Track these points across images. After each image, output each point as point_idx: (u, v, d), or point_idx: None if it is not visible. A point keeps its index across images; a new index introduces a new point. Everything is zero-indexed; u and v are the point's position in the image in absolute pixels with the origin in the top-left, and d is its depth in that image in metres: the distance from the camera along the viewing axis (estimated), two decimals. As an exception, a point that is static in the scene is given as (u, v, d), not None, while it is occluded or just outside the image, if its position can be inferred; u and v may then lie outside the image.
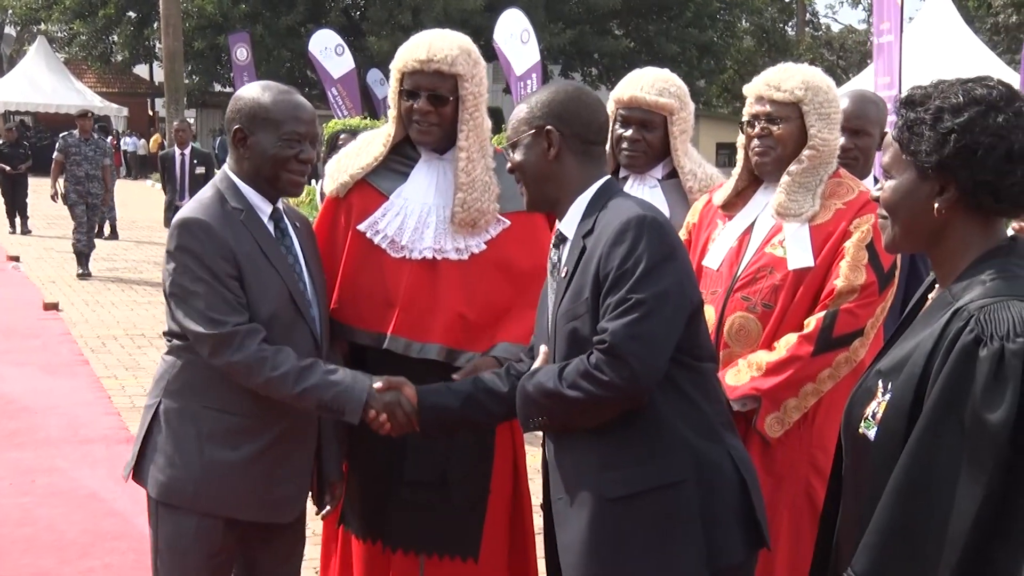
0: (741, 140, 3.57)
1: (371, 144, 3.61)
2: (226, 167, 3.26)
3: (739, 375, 3.36)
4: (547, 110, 2.89)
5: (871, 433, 2.22)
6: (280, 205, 3.30)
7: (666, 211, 3.75)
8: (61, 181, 15.38)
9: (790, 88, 3.41)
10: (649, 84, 3.92)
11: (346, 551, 3.67)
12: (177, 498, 3.16)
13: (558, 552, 2.93)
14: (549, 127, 2.86)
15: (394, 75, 3.49)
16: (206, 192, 3.23)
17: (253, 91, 3.23)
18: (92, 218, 15.31)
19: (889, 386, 2.20)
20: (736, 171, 3.62)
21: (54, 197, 15.80)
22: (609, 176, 2.94)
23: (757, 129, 3.47)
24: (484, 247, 3.51)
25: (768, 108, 3.44)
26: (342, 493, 3.56)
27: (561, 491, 2.88)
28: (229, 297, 3.06)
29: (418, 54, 3.41)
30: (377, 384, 3.07)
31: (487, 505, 3.58)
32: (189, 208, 3.18)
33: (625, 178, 4.01)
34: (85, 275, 14.72)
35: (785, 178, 3.44)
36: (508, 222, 3.53)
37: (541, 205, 2.99)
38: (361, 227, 3.53)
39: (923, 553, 2.06)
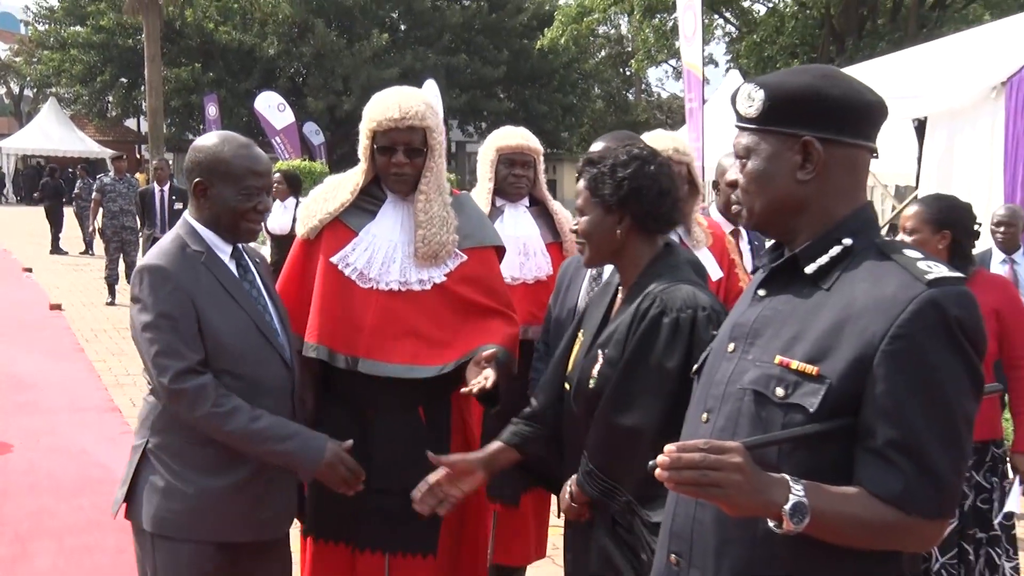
0: None
1: (338, 190, 3.19)
2: (186, 214, 2.76)
3: None
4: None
5: (596, 385, 2.44)
6: (240, 245, 2.82)
7: (535, 230, 3.84)
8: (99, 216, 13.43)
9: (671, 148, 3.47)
10: (526, 135, 3.90)
11: (311, 555, 3.21)
12: (172, 529, 2.65)
13: None
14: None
15: (366, 132, 3.10)
16: (168, 238, 2.72)
17: (212, 143, 2.70)
18: (130, 253, 13.20)
19: (604, 352, 2.44)
20: None
21: (93, 233, 14.04)
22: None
23: None
24: (444, 279, 3.12)
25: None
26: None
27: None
28: (177, 341, 2.56)
29: (391, 113, 3.02)
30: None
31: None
32: (150, 254, 2.67)
33: (501, 207, 3.88)
34: (112, 303, 12.94)
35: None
36: (464, 256, 3.15)
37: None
38: (333, 260, 3.11)
39: (624, 446, 2.34)
